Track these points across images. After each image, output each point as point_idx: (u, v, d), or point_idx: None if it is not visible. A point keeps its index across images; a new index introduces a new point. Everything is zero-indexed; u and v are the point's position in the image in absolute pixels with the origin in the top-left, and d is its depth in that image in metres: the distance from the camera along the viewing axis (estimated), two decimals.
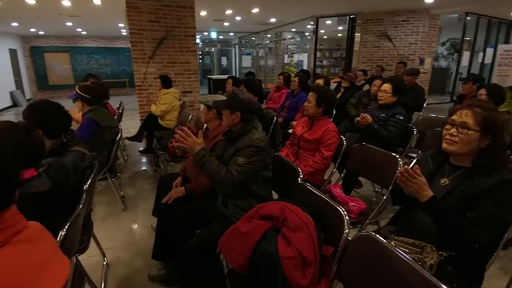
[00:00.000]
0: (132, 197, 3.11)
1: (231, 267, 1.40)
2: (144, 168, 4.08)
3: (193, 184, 1.91)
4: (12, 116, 8.58)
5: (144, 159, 4.38)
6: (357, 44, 7.83)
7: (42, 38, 11.29)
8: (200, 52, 12.55)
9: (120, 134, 2.72)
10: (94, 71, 11.26)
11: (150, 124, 4.23)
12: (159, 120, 4.11)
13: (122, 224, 2.62)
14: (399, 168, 1.79)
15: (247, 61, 12.14)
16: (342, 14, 7.80)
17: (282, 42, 11.11)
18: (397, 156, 1.90)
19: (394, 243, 1.23)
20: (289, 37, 11.04)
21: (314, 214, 1.32)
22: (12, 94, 9.89)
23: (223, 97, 2.05)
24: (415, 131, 2.79)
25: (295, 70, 9.24)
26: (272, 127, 3.15)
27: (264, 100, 4.69)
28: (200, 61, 13.05)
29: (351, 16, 7.74)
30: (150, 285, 1.90)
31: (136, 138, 4.42)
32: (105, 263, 2.06)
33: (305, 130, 2.36)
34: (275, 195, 1.93)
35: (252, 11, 6.79)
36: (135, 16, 4.81)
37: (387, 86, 2.74)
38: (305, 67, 8.60)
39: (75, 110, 2.79)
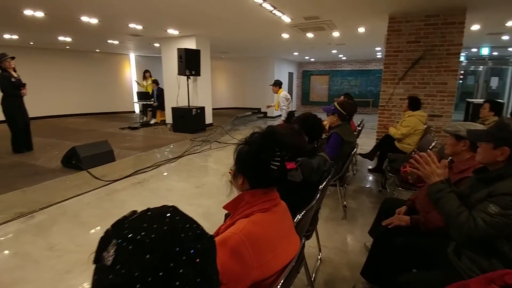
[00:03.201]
0: (353, 210, 3.25)
1: None
2: (369, 186, 4.12)
3: (421, 217, 1.72)
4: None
5: (371, 177, 4.42)
6: None
7: (312, 64, 14.19)
8: (462, 72, 10.59)
9: (355, 149, 2.93)
10: (345, 91, 12.68)
11: (385, 144, 4.19)
12: (396, 142, 3.97)
13: (340, 230, 2.83)
14: None
15: None
16: None
17: None
18: None
19: None
20: None
21: None
22: None
23: (479, 126, 1.68)
24: None
25: None
26: None
27: None
28: (460, 81, 10.99)
29: None
30: None
31: (369, 155, 4.54)
32: (319, 257, 2.34)
33: None
34: None
35: None
36: (395, 38, 4.92)
37: None
38: None
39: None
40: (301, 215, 1.45)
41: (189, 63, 6.91)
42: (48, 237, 2.68)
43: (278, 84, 5.81)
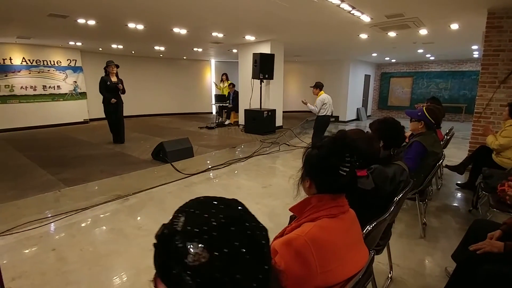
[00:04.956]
0: (434, 229, 2.90)
1: None
2: (456, 204, 3.61)
3: None
4: (353, 127, 10.88)
5: (459, 194, 3.86)
6: None
7: (392, 65, 13.06)
8: None
9: (441, 161, 2.61)
10: (431, 94, 11.29)
11: (479, 158, 3.62)
12: (493, 155, 3.39)
13: (416, 249, 2.56)
14: None
15: None
16: None
17: None
18: None
19: None
20: None
21: None
22: (358, 110, 12.53)
23: None
24: None
25: None
26: None
27: None
28: None
29: None
30: None
31: (458, 169, 3.98)
32: (390, 276, 2.16)
33: None
34: None
35: None
36: (494, 36, 4.26)
37: None
38: None
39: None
40: (371, 226, 1.38)
41: (263, 67, 7.15)
42: (138, 218, 3.13)
43: (319, 86, 5.62)
